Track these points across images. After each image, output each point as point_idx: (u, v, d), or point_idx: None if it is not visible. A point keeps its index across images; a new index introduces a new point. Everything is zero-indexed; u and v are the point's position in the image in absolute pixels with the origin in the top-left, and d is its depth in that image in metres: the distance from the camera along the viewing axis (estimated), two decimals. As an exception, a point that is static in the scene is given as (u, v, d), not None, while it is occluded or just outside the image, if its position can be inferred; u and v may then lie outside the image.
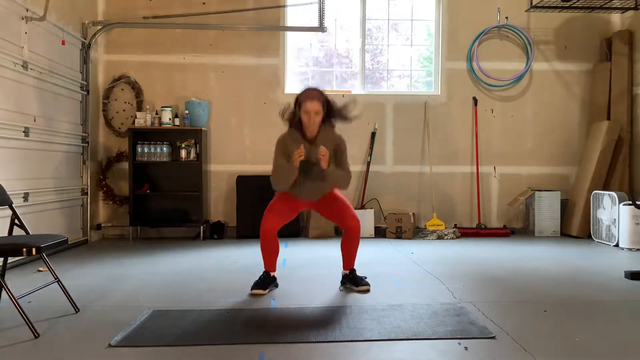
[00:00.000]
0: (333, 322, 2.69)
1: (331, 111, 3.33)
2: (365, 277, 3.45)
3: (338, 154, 3.37)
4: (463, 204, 6.08)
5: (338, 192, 3.46)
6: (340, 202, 3.39)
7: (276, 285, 3.45)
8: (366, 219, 5.70)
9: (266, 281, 3.35)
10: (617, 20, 6.07)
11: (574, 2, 5.58)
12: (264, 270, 3.39)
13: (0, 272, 2.80)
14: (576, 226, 5.65)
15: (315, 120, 3.25)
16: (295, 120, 3.32)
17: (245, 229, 5.57)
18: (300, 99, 3.27)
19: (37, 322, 2.66)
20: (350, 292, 3.31)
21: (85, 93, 5.43)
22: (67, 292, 2.91)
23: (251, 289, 3.31)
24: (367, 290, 3.32)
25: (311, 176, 3.29)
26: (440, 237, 5.59)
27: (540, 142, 6.11)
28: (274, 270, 3.41)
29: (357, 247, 3.42)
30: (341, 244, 3.44)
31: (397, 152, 6.05)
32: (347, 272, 3.44)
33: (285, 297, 3.20)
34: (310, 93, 3.26)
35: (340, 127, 3.47)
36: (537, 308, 2.96)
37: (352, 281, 3.40)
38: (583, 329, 2.61)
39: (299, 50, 6.22)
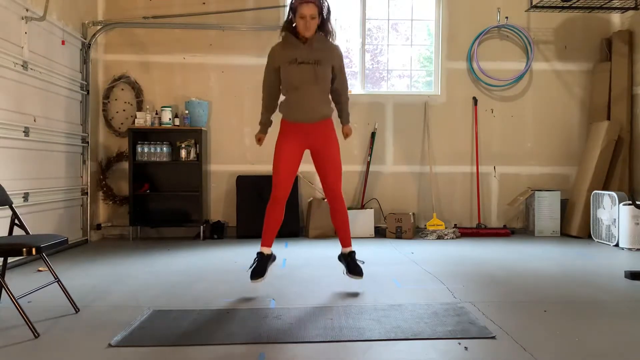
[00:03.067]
0: (333, 322, 2.69)
1: (326, 21, 3.26)
2: (363, 262, 3.41)
3: (338, 68, 3.34)
4: (463, 204, 6.08)
5: (337, 145, 3.37)
6: (334, 158, 3.33)
7: (274, 259, 3.38)
8: (366, 219, 5.70)
9: (262, 264, 3.25)
10: (617, 20, 6.07)
11: (574, 2, 5.58)
12: (257, 252, 3.29)
13: (0, 272, 2.80)
14: (576, 226, 5.65)
15: (311, 26, 3.16)
16: (290, 28, 3.26)
17: (245, 229, 5.57)
18: (295, 4, 3.18)
19: (37, 322, 2.66)
20: (349, 292, 3.31)
21: (85, 93, 5.43)
22: (67, 292, 2.91)
23: (250, 278, 3.22)
24: (359, 278, 3.31)
25: (308, 84, 3.21)
26: (440, 237, 5.59)
27: (540, 142, 6.11)
28: (270, 245, 3.31)
29: (346, 218, 3.39)
30: (331, 218, 3.43)
31: (397, 152, 6.05)
32: (347, 252, 3.40)
33: (285, 297, 3.20)
34: None
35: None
36: (537, 308, 2.96)
37: (348, 264, 3.36)
38: (583, 329, 2.61)
39: (299, 50, 6.22)
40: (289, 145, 3.29)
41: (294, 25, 3.24)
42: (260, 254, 3.29)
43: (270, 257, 3.35)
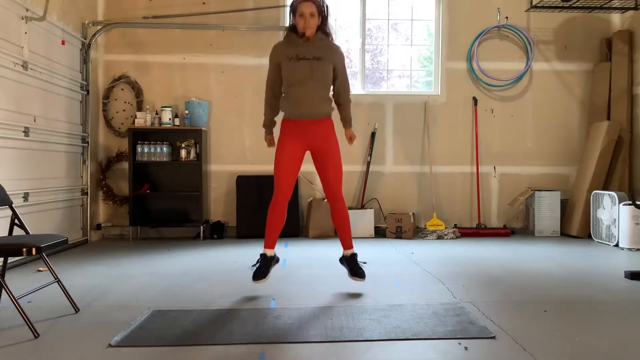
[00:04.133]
0: (333, 322, 2.69)
1: (326, 21, 3.29)
2: (365, 263, 3.42)
3: (339, 67, 3.36)
4: (463, 204, 6.08)
5: (337, 146, 3.36)
6: (335, 159, 3.32)
7: (277, 261, 3.40)
8: (366, 219, 5.71)
9: (265, 265, 3.26)
10: (617, 20, 6.07)
11: (574, 2, 5.58)
12: (260, 254, 3.30)
13: (0, 272, 2.80)
14: (576, 226, 5.65)
15: (310, 24, 3.18)
16: (292, 29, 3.31)
17: (245, 229, 5.57)
18: (294, 3, 3.23)
19: (37, 322, 2.66)
20: (349, 293, 3.31)
21: (85, 93, 5.43)
22: (67, 292, 2.91)
23: (253, 279, 3.23)
24: (362, 280, 3.31)
25: (307, 79, 3.22)
26: (440, 237, 5.59)
27: (540, 142, 6.11)
28: (273, 247, 3.32)
29: (347, 220, 3.38)
30: (332, 220, 3.41)
31: (397, 152, 6.05)
32: (348, 254, 3.39)
33: (285, 297, 3.20)
34: None
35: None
36: (537, 308, 2.96)
37: (350, 267, 3.35)
38: (583, 329, 2.61)
39: (299, 50, 6.22)
40: (290, 147, 3.29)
41: (293, 25, 3.30)
42: (263, 256, 3.30)
43: (274, 259, 3.36)
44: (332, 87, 3.41)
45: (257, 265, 3.28)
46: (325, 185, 3.36)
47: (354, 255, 3.39)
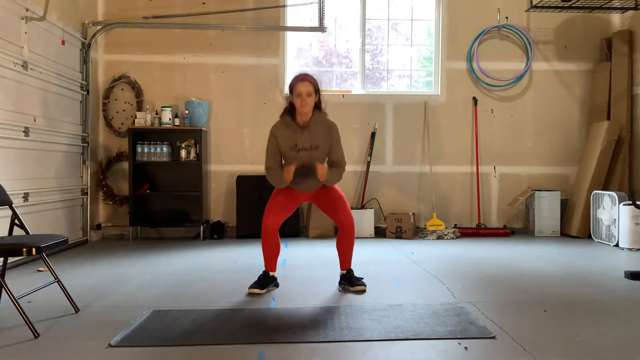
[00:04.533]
0: (333, 322, 2.69)
1: (320, 96, 3.32)
2: (362, 278, 3.45)
3: (334, 143, 3.33)
4: (463, 204, 6.08)
5: (336, 185, 3.45)
6: (336, 195, 3.38)
7: (276, 285, 3.44)
8: (366, 219, 5.70)
9: (264, 281, 3.35)
10: (617, 20, 6.07)
11: (574, 2, 5.58)
12: (263, 269, 3.40)
13: (0, 272, 2.80)
14: (576, 226, 5.65)
15: (307, 103, 3.21)
16: (288, 108, 3.34)
17: (245, 229, 5.57)
18: (292, 84, 3.27)
19: (37, 322, 2.66)
20: (349, 292, 3.31)
21: (85, 93, 5.43)
22: (67, 292, 2.91)
23: (249, 288, 3.31)
24: (363, 291, 3.32)
25: (304, 167, 3.27)
26: (440, 237, 5.59)
27: (540, 142, 6.11)
28: (274, 270, 3.41)
29: (352, 246, 3.41)
30: (337, 243, 3.44)
31: (397, 152, 6.05)
32: (345, 272, 3.44)
33: (285, 297, 3.20)
34: (301, 76, 3.27)
35: (338, 127, 3.46)
36: (537, 308, 2.96)
37: (349, 281, 3.39)
38: (583, 329, 2.61)
39: (299, 50, 6.22)
40: (287, 197, 3.36)
41: (291, 104, 3.31)
42: (265, 272, 3.39)
43: (274, 280, 3.43)
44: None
45: (257, 279, 3.37)
46: (336, 219, 3.37)
47: (350, 271, 3.43)
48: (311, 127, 3.28)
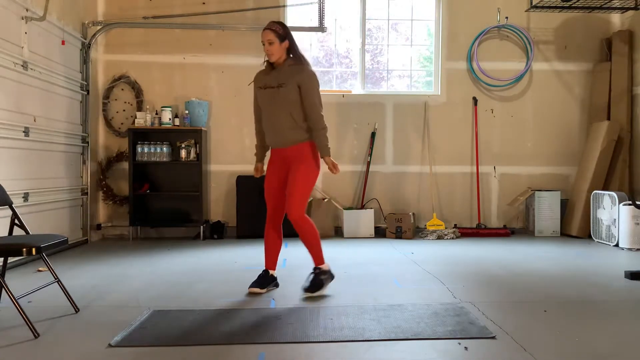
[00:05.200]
0: (333, 322, 2.69)
1: (291, 45, 3.31)
2: (326, 279, 3.28)
3: (305, 93, 3.22)
4: (463, 204, 6.08)
5: (305, 169, 3.23)
6: (295, 181, 3.20)
7: (276, 285, 3.44)
8: (366, 219, 5.70)
9: (264, 280, 3.35)
10: (617, 20, 6.07)
11: (574, 2, 5.58)
12: (263, 269, 3.40)
13: (0, 272, 2.80)
14: (576, 226, 5.65)
15: (270, 50, 3.25)
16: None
17: (245, 229, 5.57)
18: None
19: (37, 322, 2.66)
20: (349, 292, 3.31)
21: (85, 93, 5.43)
22: (67, 292, 2.91)
23: (249, 287, 3.31)
24: (309, 294, 3.20)
25: (273, 107, 3.24)
26: (440, 237, 5.59)
27: (540, 142, 6.11)
28: (274, 269, 3.41)
29: (311, 243, 3.28)
30: None
31: (397, 152, 6.05)
32: (313, 269, 3.32)
33: (285, 297, 3.20)
34: (266, 25, 3.32)
35: (338, 127, 3.46)
36: (537, 308, 2.96)
37: (309, 281, 3.26)
38: (583, 329, 2.61)
39: (299, 50, 6.22)
40: (271, 176, 3.36)
41: None
42: (265, 271, 3.39)
43: (273, 279, 3.41)
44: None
45: (257, 278, 3.36)
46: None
47: (316, 269, 3.31)
48: (282, 69, 3.28)
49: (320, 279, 3.27)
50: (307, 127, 3.27)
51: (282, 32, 3.27)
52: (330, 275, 3.34)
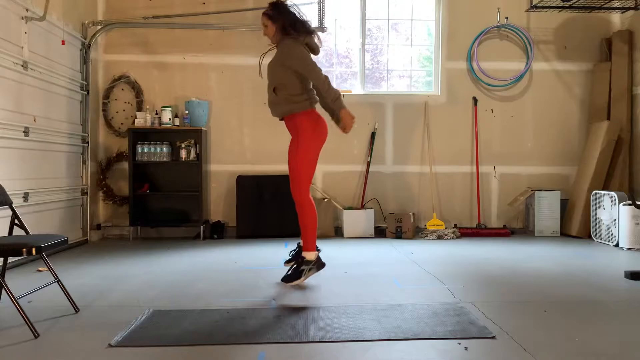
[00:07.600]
0: (333, 322, 2.69)
1: (285, 23, 3.43)
2: (309, 269, 3.37)
3: (297, 69, 3.37)
4: (463, 204, 6.08)
5: (301, 143, 3.39)
6: (294, 160, 3.43)
7: (323, 265, 3.48)
8: (366, 219, 5.70)
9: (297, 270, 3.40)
10: (617, 20, 6.07)
11: (574, 2, 5.58)
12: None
13: (0, 272, 2.80)
14: (576, 226, 5.65)
15: (266, 33, 3.52)
16: None
17: (245, 229, 5.57)
18: None
19: (37, 322, 2.66)
20: (349, 292, 3.31)
21: (85, 93, 5.43)
22: (67, 292, 2.91)
23: (289, 282, 3.38)
24: (285, 284, 3.37)
25: (267, 84, 3.50)
26: (440, 237, 5.59)
27: (540, 142, 6.11)
28: (312, 250, 3.44)
29: (305, 224, 3.37)
30: None
31: (397, 152, 6.05)
32: (300, 254, 3.41)
33: (285, 297, 3.20)
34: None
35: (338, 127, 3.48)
36: (537, 308, 2.96)
37: (291, 269, 3.39)
38: (583, 329, 2.61)
39: (299, 50, 6.21)
40: (291, 144, 3.54)
41: None
42: (317, 257, 3.45)
43: (309, 263, 3.47)
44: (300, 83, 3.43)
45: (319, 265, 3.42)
46: None
47: (300, 258, 3.40)
48: (277, 49, 3.50)
49: (299, 270, 3.35)
50: (294, 98, 3.39)
51: (273, 13, 3.45)
52: (316, 265, 3.40)
